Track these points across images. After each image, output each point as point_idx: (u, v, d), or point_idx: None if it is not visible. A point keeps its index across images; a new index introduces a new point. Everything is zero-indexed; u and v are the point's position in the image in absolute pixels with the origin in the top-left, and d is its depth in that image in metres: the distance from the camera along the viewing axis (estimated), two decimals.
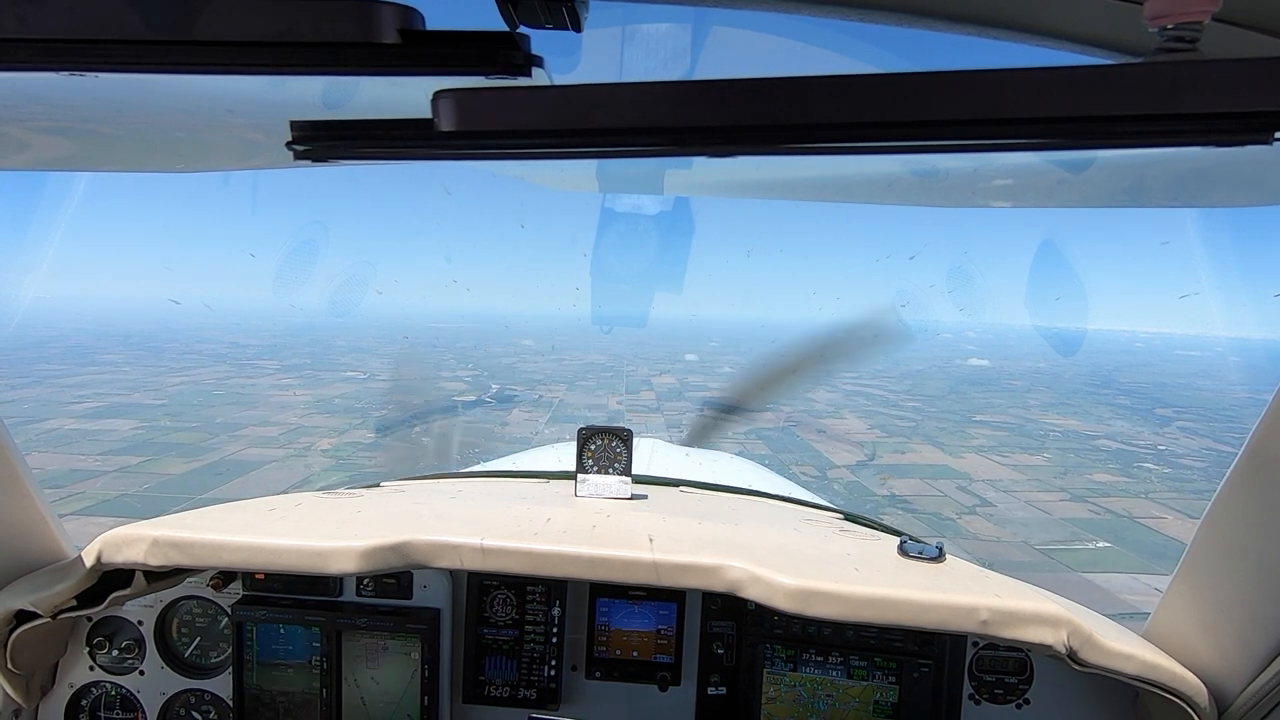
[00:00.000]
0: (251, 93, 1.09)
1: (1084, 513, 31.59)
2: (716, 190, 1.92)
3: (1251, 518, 1.29)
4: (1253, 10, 0.84)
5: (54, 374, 54.24)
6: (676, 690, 1.88)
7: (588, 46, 0.91)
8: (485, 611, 1.89)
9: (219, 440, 36.99)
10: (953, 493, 33.39)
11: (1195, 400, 58.28)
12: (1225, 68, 0.58)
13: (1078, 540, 27.98)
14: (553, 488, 2.24)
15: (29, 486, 1.59)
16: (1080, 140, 0.73)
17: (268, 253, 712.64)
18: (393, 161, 0.91)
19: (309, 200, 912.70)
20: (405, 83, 0.69)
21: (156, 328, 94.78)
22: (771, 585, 1.45)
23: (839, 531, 1.96)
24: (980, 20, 0.96)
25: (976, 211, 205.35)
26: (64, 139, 1.35)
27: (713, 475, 2.82)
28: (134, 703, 1.89)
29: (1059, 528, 29.34)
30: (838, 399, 56.74)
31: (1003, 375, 74.15)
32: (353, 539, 1.54)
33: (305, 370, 62.41)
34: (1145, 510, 32.13)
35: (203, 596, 1.88)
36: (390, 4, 0.62)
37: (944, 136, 0.66)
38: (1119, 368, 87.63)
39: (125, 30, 0.60)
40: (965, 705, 1.77)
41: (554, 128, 0.69)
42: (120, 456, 33.28)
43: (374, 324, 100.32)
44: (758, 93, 0.64)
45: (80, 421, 39.39)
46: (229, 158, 1.52)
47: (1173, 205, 1.56)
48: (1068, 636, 1.41)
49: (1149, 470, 38.87)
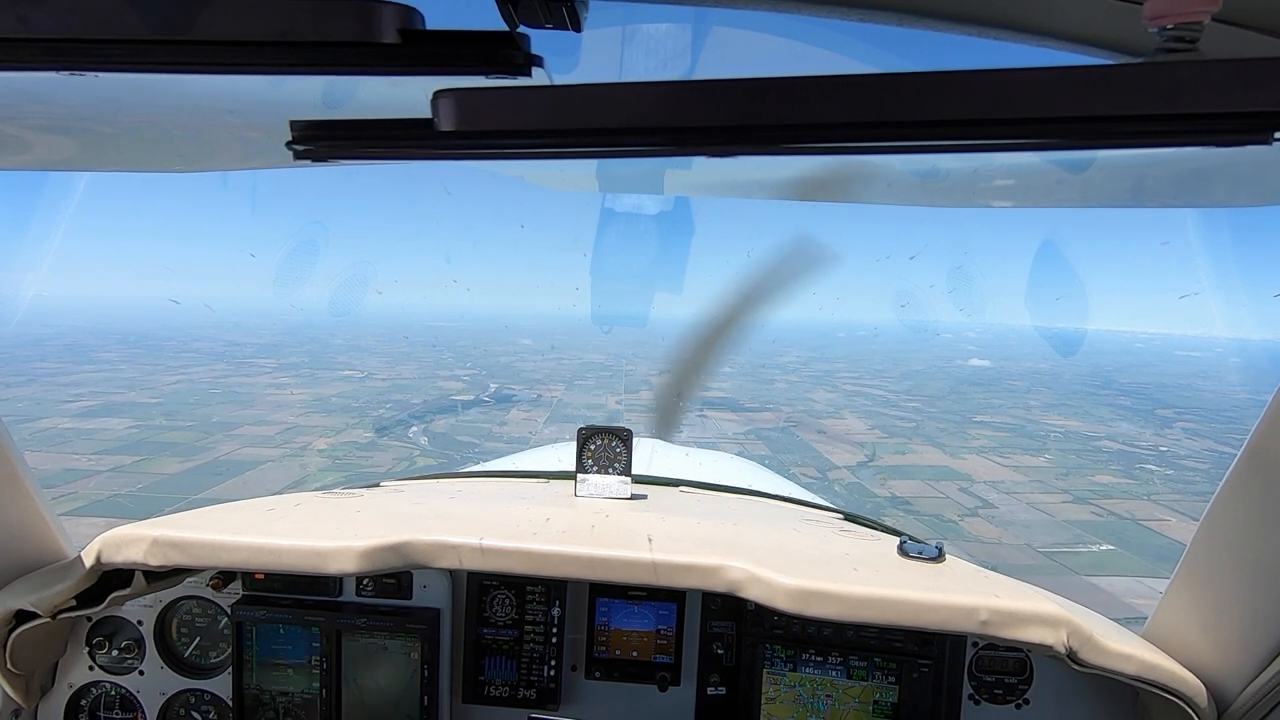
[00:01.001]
0: (251, 92, 1.09)
1: (1087, 515, 31.41)
2: (716, 190, 1.92)
3: (1251, 518, 1.29)
4: (1253, 10, 0.84)
5: (49, 372, 53.81)
6: (676, 690, 1.88)
7: (588, 46, 0.91)
8: (485, 611, 1.89)
9: (214, 440, 36.79)
10: (954, 494, 33.26)
11: (1196, 401, 58.00)
12: (1225, 68, 0.58)
13: (1080, 543, 27.83)
14: (552, 488, 2.24)
15: (29, 486, 1.59)
16: (1080, 140, 0.73)
17: (268, 253, 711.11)
18: (393, 161, 0.91)
19: (309, 200, 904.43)
20: (405, 82, 0.69)
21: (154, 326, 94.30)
22: (771, 585, 1.45)
23: (839, 532, 1.96)
24: (980, 20, 0.96)
25: (977, 211, 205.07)
26: (64, 139, 1.35)
27: (713, 475, 2.82)
28: (134, 703, 1.89)
29: (1061, 530, 29.16)
30: (838, 399, 56.61)
31: (1003, 375, 73.99)
32: (352, 539, 1.54)
33: (303, 369, 62.04)
34: (1148, 512, 31.93)
35: (202, 596, 1.88)
36: (390, 4, 0.62)
37: (944, 136, 0.66)
38: (1119, 368, 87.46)
39: (126, 30, 0.60)
40: (965, 705, 1.77)
41: (554, 128, 0.69)
42: (114, 456, 33.05)
43: (373, 323, 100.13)
44: (758, 93, 0.64)
45: (75, 420, 39.14)
46: (229, 157, 1.52)
47: (1173, 205, 1.56)
48: (1067, 637, 1.41)
49: (1151, 472, 38.66)
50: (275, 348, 75.34)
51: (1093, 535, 28.70)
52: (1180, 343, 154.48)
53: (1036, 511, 31.49)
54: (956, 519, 29.79)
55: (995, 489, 34.43)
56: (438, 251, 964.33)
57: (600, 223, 5.85)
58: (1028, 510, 31.63)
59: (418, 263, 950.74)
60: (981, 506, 31.75)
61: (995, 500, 32.72)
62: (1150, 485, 36.53)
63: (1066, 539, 28.21)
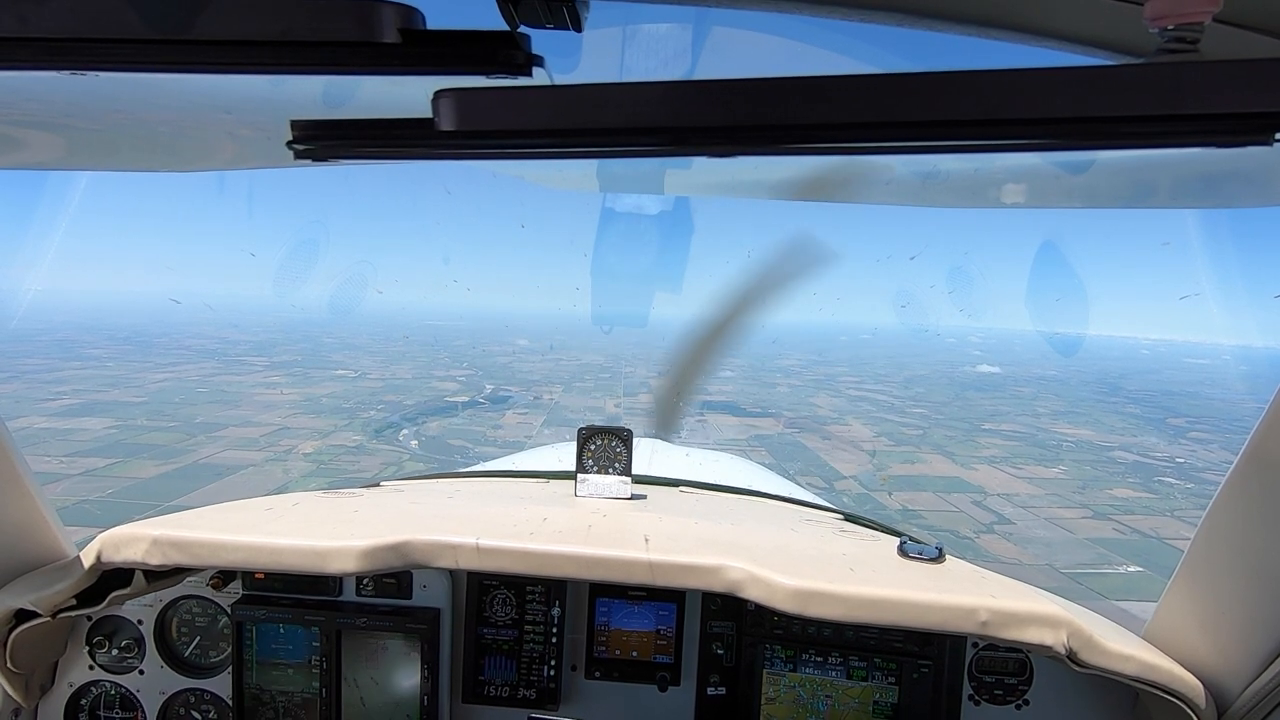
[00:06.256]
0: (252, 92, 1.09)
1: (1109, 532, 29.80)
2: (716, 190, 1.92)
3: (1251, 518, 1.29)
4: (1253, 11, 0.84)
5: (34, 369, 51.87)
6: (676, 690, 1.88)
7: (588, 46, 0.91)
8: (485, 611, 1.89)
9: (196, 442, 35.16)
10: (968, 508, 31.78)
11: (1207, 409, 56.57)
12: (1226, 68, 0.58)
13: (1106, 563, 26.46)
14: (552, 488, 2.24)
15: (29, 486, 1.59)
16: (1081, 141, 0.73)
17: (268, 252, 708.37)
18: (393, 161, 0.91)
19: (309, 200, 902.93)
20: (405, 82, 0.69)
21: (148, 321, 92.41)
22: (771, 586, 1.45)
23: (839, 532, 1.96)
24: (980, 20, 0.96)
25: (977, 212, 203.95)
26: (64, 138, 1.35)
27: (713, 475, 2.82)
28: (133, 702, 1.89)
29: (1084, 549, 27.76)
30: (842, 404, 56.04)
31: (1009, 381, 73.21)
32: (352, 539, 1.54)
33: (295, 368, 59.93)
34: (1174, 530, 30.07)
35: (202, 596, 1.88)
36: (390, 3, 0.62)
37: (945, 137, 0.66)
38: (1125, 374, 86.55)
39: (126, 29, 0.60)
40: (965, 706, 1.77)
41: (554, 128, 0.69)
42: (87, 459, 31.23)
43: (370, 322, 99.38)
44: (758, 93, 0.64)
45: (51, 420, 37.23)
46: (229, 157, 1.52)
47: (1174, 206, 1.56)
48: (1067, 637, 1.41)
49: (1171, 485, 36.96)
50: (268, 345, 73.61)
51: (1118, 555, 27.21)
52: (1185, 349, 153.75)
53: (1056, 528, 30.01)
54: (972, 535, 28.34)
55: (1010, 502, 32.97)
56: (437, 251, 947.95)
57: (600, 223, 5.88)
58: (1047, 527, 30.17)
59: (417, 262, 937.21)
60: (998, 522, 30.30)
61: (1011, 515, 31.18)
62: (1172, 500, 34.76)
63: (1091, 559, 26.82)
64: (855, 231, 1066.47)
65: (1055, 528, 30.10)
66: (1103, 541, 28.75)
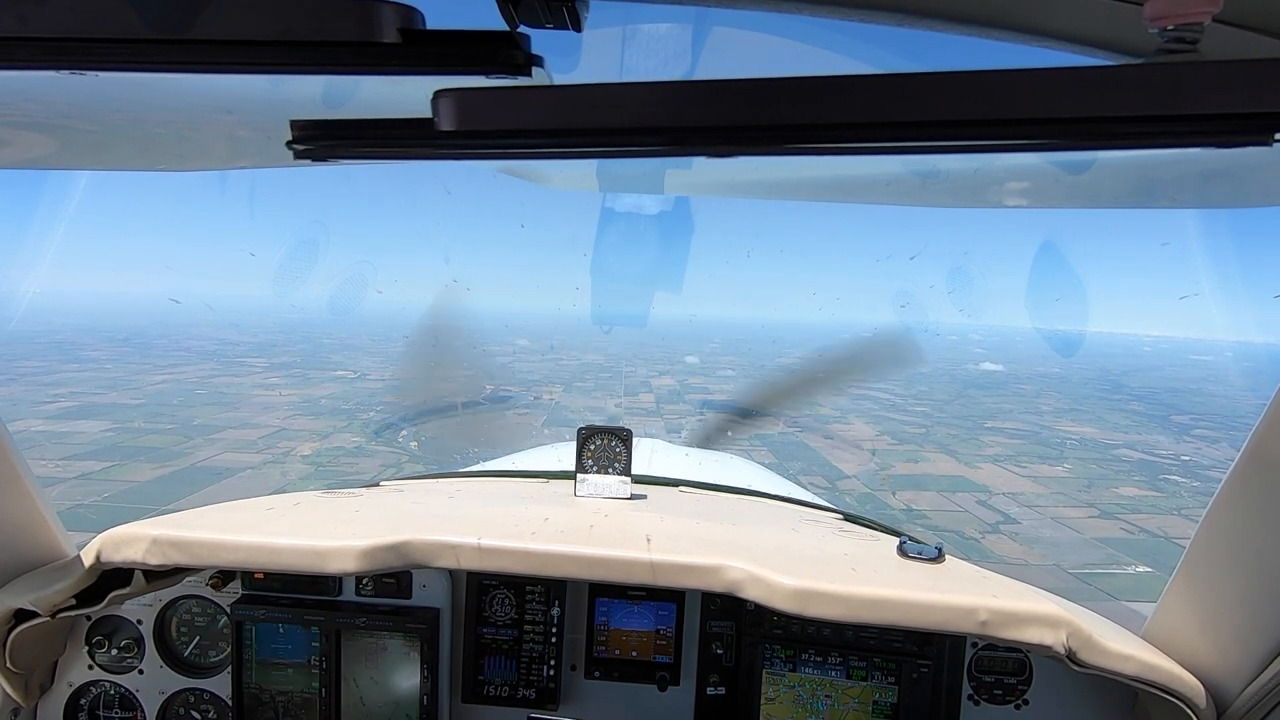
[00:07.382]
0: (252, 92, 1.09)
1: (1116, 531, 29.34)
2: (716, 190, 1.92)
3: (1251, 518, 1.29)
4: (1253, 11, 0.84)
5: (33, 371, 51.23)
6: (676, 690, 1.88)
7: (588, 46, 0.91)
8: (484, 611, 1.89)
9: (193, 444, 34.80)
10: (973, 508, 31.29)
11: (1210, 407, 55.98)
12: (1226, 69, 0.58)
13: (1114, 563, 26.12)
14: (552, 487, 2.24)
15: (29, 486, 1.60)
16: (1081, 141, 0.73)
17: (268, 252, 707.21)
18: (393, 161, 0.91)
19: (309, 200, 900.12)
20: (405, 82, 0.69)
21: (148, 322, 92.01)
22: (771, 586, 1.45)
23: (839, 532, 1.96)
24: (980, 20, 0.96)
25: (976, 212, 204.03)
26: (63, 138, 1.35)
27: (713, 475, 2.82)
28: (133, 702, 1.89)
29: (1092, 549, 27.40)
30: (844, 403, 55.68)
31: (1011, 379, 72.85)
32: (352, 539, 1.54)
33: (294, 369, 59.37)
34: (1182, 530, 29.54)
35: (202, 596, 1.88)
36: (390, 4, 0.62)
37: (944, 137, 0.66)
38: (1126, 371, 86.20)
39: (126, 29, 0.60)
40: (964, 706, 1.77)
41: (554, 128, 0.69)
42: (83, 462, 30.84)
43: (370, 322, 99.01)
44: (758, 93, 0.64)
45: (48, 423, 36.76)
46: (229, 157, 1.52)
47: (1173, 206, 1.56)
48: (1067, 637, 1.41)
49: (1178, 484, 36.48)
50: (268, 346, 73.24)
51: (1126, 555, 26.83)
52: (1187, 346, 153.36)
53: (1063, 528, 29.59)
54: (978, 536, 27.90)
55: (1015, 501, 32.51)
56: (437, 251, 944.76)
57: (600, 222, 5.87)
58: (1053, 526, 29.74)
59: (417, 262, 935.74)
60: (1003, 522, 29.87)
61: (1017, 514, 30.74)
62: (1178, 499, 34.22)
63: (1099, 559, 26.47)
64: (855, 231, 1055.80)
65: (1062, 527, 29.78)
66: (1110, 541, 28.44)
